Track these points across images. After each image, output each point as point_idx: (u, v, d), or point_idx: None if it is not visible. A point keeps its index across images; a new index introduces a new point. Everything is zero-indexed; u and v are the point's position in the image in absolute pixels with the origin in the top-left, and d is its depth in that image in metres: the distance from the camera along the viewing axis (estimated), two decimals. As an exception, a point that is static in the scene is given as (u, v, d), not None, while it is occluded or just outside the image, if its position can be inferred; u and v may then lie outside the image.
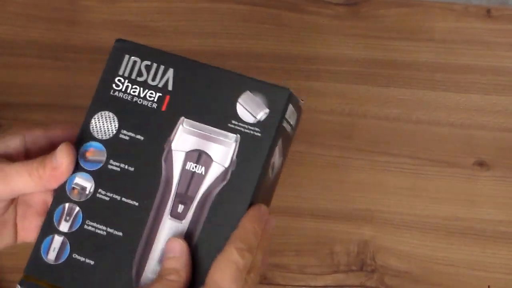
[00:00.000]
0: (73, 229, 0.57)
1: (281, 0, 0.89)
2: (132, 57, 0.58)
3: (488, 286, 0.80)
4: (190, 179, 0.57)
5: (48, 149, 0.59)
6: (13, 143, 0.59)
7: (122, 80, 0.58)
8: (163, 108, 0.57)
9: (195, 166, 0.57)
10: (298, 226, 0.82)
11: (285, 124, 0.57)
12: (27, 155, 0.60)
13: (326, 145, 0.84)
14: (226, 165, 0.56)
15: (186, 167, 0.57)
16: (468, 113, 0.86)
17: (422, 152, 0.85)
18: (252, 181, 0.56)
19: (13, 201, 0.60)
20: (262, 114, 0.57)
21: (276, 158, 0.58)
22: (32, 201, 0.61)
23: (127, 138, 0.57)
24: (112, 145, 0.57)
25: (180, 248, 0.55)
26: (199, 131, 0.57)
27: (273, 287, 0.80)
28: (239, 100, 0.57)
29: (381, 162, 0.84)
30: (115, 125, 0.57)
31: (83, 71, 0.86)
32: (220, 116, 0.57)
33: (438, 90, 0.87)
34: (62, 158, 0.56)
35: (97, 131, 0.58)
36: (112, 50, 0.58)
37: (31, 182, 0.56)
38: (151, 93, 0.58)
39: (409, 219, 0.82)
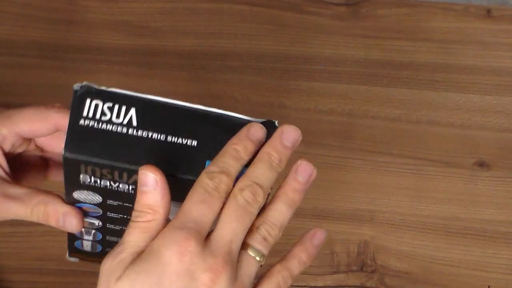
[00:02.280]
0: (97, 239, 0.58)
1: (281, 0, 0.89)
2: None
3: (488, 286, 0.80)
4: None
5: (21, 142, 0.58)
6: None
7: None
8: None
9: None
10: (298, 226, 0.81)
11: None
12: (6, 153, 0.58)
13: (326, 145, 0.84)
14: None
15: None
16: (468, 113, 0.86)
17: (422, 152, 0.85)
18: None
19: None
20: None
21: None
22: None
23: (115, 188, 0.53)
24: (105, 197, 0.54)
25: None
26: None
27: (273, 287, 0.79)
28: None
29: (381, 162, 0.84)
30: (98, 197, 0.54)
31: (83, 71, 0.85)
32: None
33: (438, 90, 0.87)
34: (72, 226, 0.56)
35: (85, 199, 0.55)
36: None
37: (33, 216, 0.56)
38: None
39: (409, 219, 0.82)
